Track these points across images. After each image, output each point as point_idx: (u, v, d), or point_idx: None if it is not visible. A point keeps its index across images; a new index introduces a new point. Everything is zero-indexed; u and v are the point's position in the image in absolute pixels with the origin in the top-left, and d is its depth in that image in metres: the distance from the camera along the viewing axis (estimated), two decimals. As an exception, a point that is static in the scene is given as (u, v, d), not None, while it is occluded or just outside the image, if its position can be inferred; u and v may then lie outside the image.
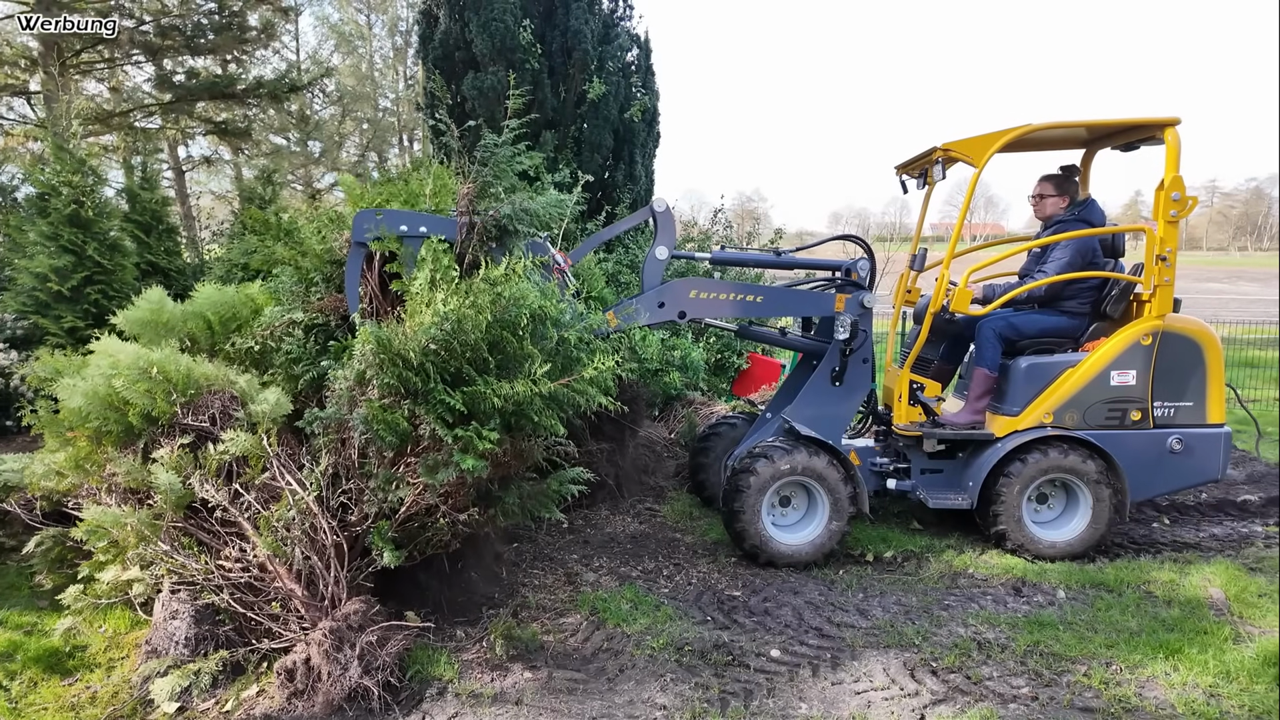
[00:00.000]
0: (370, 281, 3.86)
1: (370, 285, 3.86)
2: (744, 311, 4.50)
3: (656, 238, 4.42)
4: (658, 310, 4.39)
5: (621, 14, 8.80)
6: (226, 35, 12.34)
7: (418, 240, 3.81)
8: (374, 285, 3.86)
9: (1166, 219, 4.35)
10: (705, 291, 4.43)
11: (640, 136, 8.72)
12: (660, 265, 4.41)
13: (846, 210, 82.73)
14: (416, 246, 3.80)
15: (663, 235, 4.40)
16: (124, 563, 3.37)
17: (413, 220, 3.85)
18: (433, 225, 3.86)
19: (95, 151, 10.79)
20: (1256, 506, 5.51)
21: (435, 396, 3.15)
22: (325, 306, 3.97)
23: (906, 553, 4.66)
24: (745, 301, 4.46)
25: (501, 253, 3.91)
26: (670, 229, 4.42)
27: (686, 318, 4.44)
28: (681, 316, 4.42)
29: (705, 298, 4.42)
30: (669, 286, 4.41)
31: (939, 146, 4.49)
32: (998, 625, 3.71)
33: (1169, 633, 3.59)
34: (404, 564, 3.36)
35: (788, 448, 4.41)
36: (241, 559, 3.31)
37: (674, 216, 4.46)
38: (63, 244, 7.15)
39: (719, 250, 4.69)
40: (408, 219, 3.84)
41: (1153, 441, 4.50)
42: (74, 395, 3.45)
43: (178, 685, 3.05)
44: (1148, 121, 4.45)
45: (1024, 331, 4.64)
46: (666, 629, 3.65)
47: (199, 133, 14.97)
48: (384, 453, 3.29)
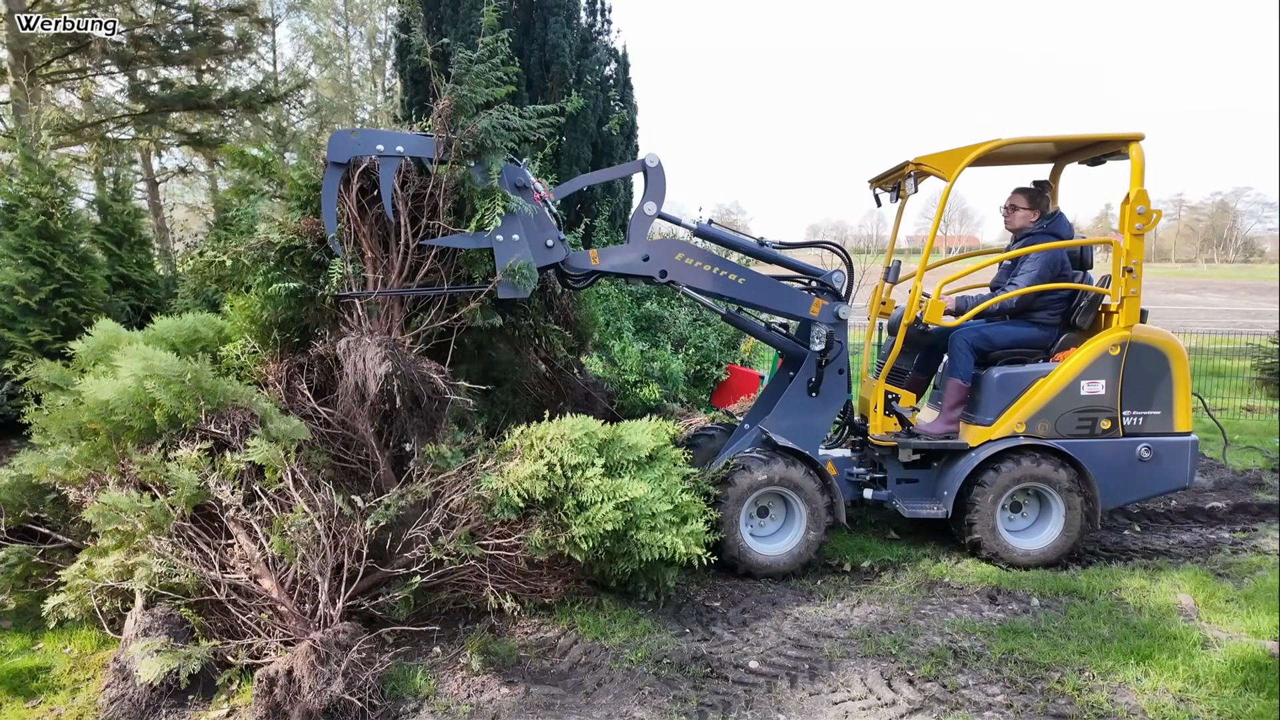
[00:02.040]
0: (348, 202, 3.88)
1: (349, 205, 3.87)
2: (723, 288, 4.46)
3: (646, 193, 4.40)
4: (641, 263, 4.36)
5: (600, 28, 8.88)
6: (201, 46, 12.26)
7: (394, 160, 3.84)
8: (352, 206, 3.88)
9: (1132, 232, 4.45)
10: (692, 258, 4.41)
11: (619, 149, 8.78)
12: (648, 221, 4.39)
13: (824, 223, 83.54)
14: (393, 166, 3.83)
15: (652, 191, 4.39)
16: (129, 551, 3.35)
17: (389, 139, 3.88)
18: (410, 144, 3.90)
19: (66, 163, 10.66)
20: (1224, 513, 5.62)
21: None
22: (302, 229, 4.00)
23: (884, 562, 4.69)
24: (727, 279, 4.45)
25: (481, 170, 3.91)
26: (660, 185, 4.39)
27: (666, 278, 4.38)
28: (662, 275, 4.37)
29: (689, 264, 4.40)
30: (660, 244, 4.40)
31: (910, 161, 4.57)
32: (973, 633, 3.74)
33: (1140, 639, 3.64)
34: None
35: (765, 458, 4.43)
36: (241, 562, 3.36)
37: (664, 173, 4.40)
38: (30, 256, 7.04)
39: (705, 224, 4.67)
40: (384, 138, 3.88)
41: (1122, 450, 4.58)
42: (104, 389, 3.56)
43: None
44: (1113, 137, 4.56)
45: (996, 342, 4.72)
46: (645, 642, 3.64)
47: (173, 144, 14.81)
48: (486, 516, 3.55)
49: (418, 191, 4.01)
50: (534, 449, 3.63)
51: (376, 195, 3.92)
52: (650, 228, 4.43)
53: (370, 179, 3.98)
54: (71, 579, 3.36)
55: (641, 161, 4.42)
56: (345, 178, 3.86)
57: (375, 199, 3.94)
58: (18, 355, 6.51)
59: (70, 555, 3.76)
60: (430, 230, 3.97)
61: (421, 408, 3.71)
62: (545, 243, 4.14)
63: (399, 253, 3.94)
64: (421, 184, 4.02)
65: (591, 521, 3.51)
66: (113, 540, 3.35)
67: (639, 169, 4.45)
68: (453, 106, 3.88)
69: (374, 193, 3.96)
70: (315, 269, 4.11)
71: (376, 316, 3.96)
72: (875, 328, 5.61)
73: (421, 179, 4.04)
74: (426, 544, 3.54)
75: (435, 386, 3.71)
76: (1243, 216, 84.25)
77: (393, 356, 3.60)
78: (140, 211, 9.19)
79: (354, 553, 3.45)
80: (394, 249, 3.95)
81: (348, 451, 4.09)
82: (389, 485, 3.91)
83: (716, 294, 4.50)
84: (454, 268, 4.14)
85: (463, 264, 4.13)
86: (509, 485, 3.51)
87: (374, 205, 3.95)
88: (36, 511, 3.88)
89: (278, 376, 4.19)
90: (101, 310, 7.08)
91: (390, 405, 3.60)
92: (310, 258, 4.04)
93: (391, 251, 3.95)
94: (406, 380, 3.60)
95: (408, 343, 3.87)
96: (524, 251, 3.98)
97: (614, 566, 3.77)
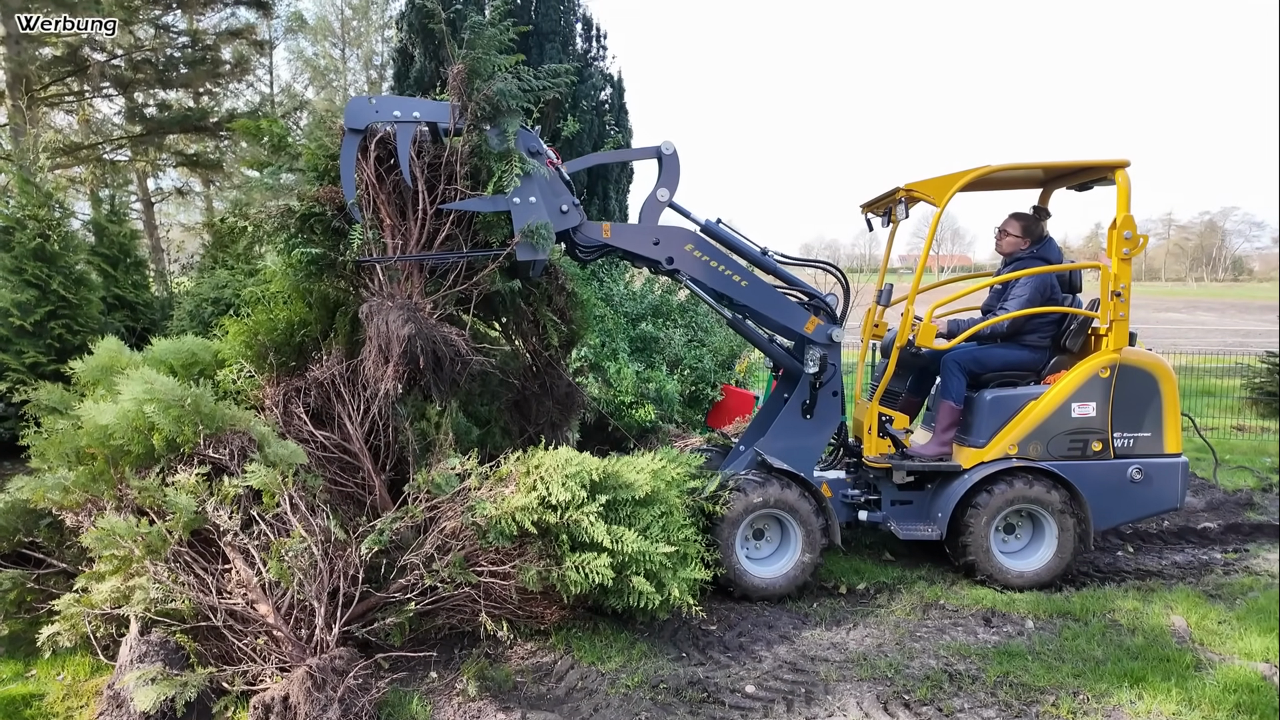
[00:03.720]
0: (366, 169, 3.93)
1: (367, 173, 3.92)
2: (724, 287, 4.48)
3: (660, 179, 4.44)
4: (651, 246, 4.39)
5: (596, 54, 9.00)
6: (199, 69, 12.36)
7: (411, 126, 3.90)
8: (370, 173, 3.93)
9: (1120, 256, 4.53)
10: (701, 252, 4.43)
11: (614, 173, 8.86)
12: (660, 207, 4.43)
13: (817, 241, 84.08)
14: (410, 132, 3.90)
15: (666, 178, 4.42)
16: (126, 576, 3.34)
17: (405, 105, 3.93)
18: (425, 110, 3.96)
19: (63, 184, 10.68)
20: (1216, 534, 5.66)
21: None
22: (321, 196, 4.04)
23: (879, 584, 4.70)
24: (730, 279, 4.47)
25: (497, 133, 3.95)
26: (675, 173, 4.43)
27: (672, 265, 4.41)
28: (669, 262, 4.40)
29: (697, 256, 4.42)
30: (671, 229, 4.43)
31: (901, 187, 4.64)
32: (968, 656, 3.76)
33: (1133, 661, 3.66)
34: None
35: (760, 480, 4.45)
36: (237, 587, 3.36)
37: (679, 162, 4.44)
38: (26, 278, 7.05)
39: (713, 221, 4.70)
40: (400, 104, 3.93)
41: (1114, 471, 4.62)
42: (104, 414, 3.57)
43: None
44: (1099, 164, 4.65)
45: (987, 365, 4.77)
46: (641, 666, 3.64)
47: (170, 165, 14.87)
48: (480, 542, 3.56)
49: (433, 161, 4.04)
50: (529, 477, 3.65)
51: (393, 165, 3.96)
52: (661, 215, 4.47)
53: (387, 148, 4.01)
54: (66, 607, 3.35)
55: (657, 148, 4.44)
56: (363, 145, 3.92)
57: (392, 168, 3.98)
58: (11, 377, 6.50)
59: (64, 580, 3.75)
60: (447, 196, 4.00)
61: (443, 369, 3.74)
62: (560, 208, 4.17)
63: (417, 220, 3.97)
64: (437, 153, 4.06)
65: (583, 569, 3.53)
66: (109, 565, 3.34)
67: (654, 155, 4.47)
68: (467, 70, 3.91)
69: (391, 162, 3.99)
70: (335, 236, 4.15)
71: (397, 282, 4.00)
72: (869, 349, 5.66)
73: (436, 147, 4.08)
74: (421, 570, 3.54)
75: (457, 348, 3.75)
76: (1231, 236, 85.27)
77: (415, 319, 3.65)
78: (136, 233, 9.22)
79: (350, 577, 3.45)
80: (411, 216, 3.98)
81: (344, 475, 4.10)
82: (385, 509, 3.92)
83: (716, 291, 4.52)
84: (471, 234, 4.16)
85: (480, 229, 4.15)
86: (503, 514, 3.52)
87: (391, 174, 3.99)
88: (31, 536, 3.87)
89: (274, 400, 4.20)
90: (96, 332, 7.07)
91: (413, 366, 3.63)
92: (330, 225, 4.09)
93: (409, 219, 3.99)
94: (429, 341, 3.64)
95: (428, 308, 3.91)
96: (540, 214, 4.00)
97: (608, 601, 3.78)
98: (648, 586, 3.61)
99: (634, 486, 3.76)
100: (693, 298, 8.64)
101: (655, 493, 3.84)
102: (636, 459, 4.01)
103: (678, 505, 3.95)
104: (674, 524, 3.88)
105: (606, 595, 3.74)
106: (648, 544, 3.62)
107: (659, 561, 3.66)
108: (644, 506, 3.83)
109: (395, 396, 3.76)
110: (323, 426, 4.16)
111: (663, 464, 4.01)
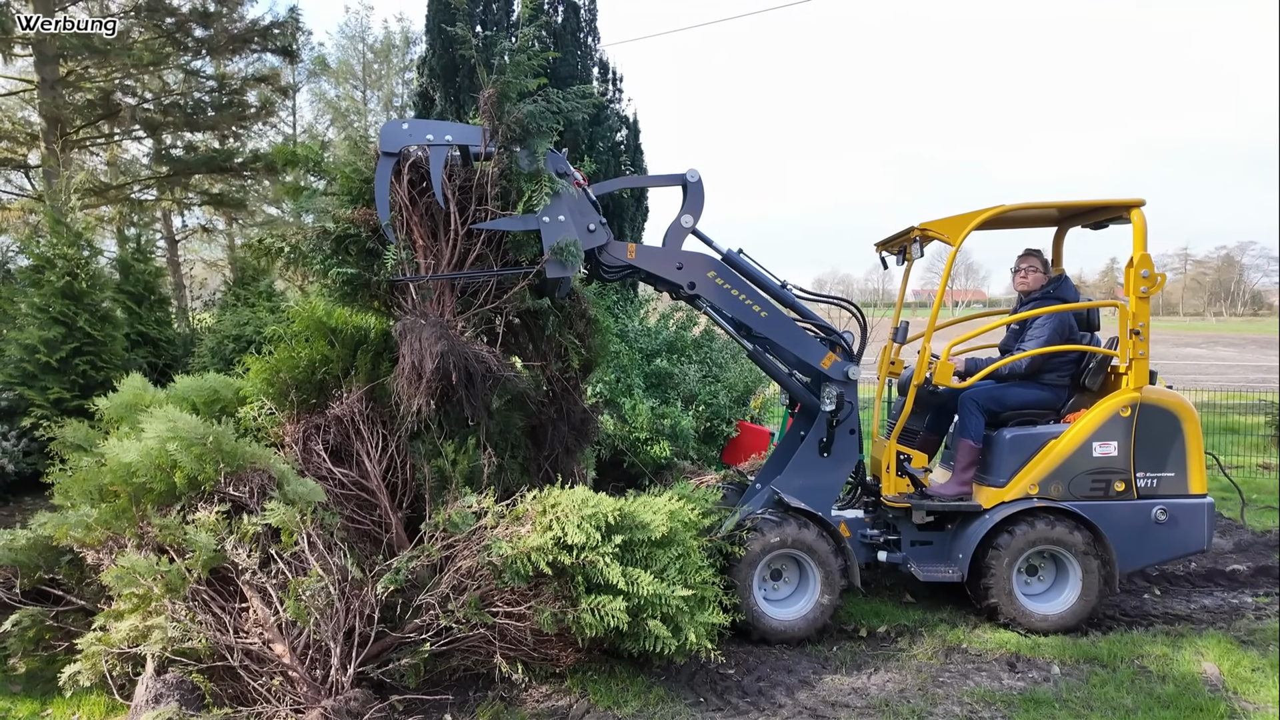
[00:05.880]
0: (400, 191, 4.02)
1: (400, 195, 4.02)
2: (744, 316, 4.50)
3: (684, 205, 4.51)
4: (674, 271, 4.42)
5: (612, 97, 9.18)
6: (226, 112, 12.71)
7: (443, 148, 4.01)
8: (403, 196, 4.02)
9: (1137, 295, 4.51)
10: (723, 280, 4.46)
11: (629, 212, 8.97)
12: (684, 233, 4.50)
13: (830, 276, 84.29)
14: (442, 155, 4.00)
15: (691, 204, 4.49)
16: (145, 614, 3.35)
17: (438, 129, 4.05)
18: (457, 133, 4.06)
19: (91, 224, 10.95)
20: (1245, 576, 5.53)
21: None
22: (356, 219, 4.14)
23: (900, 627, 4.62)
24: (750, 308, 4.49)
25: (527, 154, 4.02)
26: (699, 200, 4.49)
27: (694, 290, 4.44)
28: (691, 287, 4.43)
29: (719, 284, 4.45)
30: (695, 255, 4.47)
31: (916, 226, 4.67)
32: (993, 703, 3.67)
33: (1165, 710, 3.56)
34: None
35: (777, 519, 4.41)
36: (254, 626, 3.36)
37: (704, 190, 4.50)
38: (53, 315, 7.19)
39: (734, 251, 4.72)
40: (433, 128, 4.06)
41: (1137, 512, 4.54)
42: (128, 451, 3.62)
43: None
44: (1114, 203, 4.66)
45: (1006, 403, 4.73)
46: (658, 711, 3.58)
47: (195, 204, 15.21)
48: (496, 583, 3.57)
49: (464, 183, 4.15)
50: (545, 516, 3.64)
51: (425, 187, 4.07)
52: (684, 241, 4.52)
53: (419, 171, 4.13)
54: (88, 645, 3.35)
55: (682, 175, 4.53)
56: (396, 168, 4.03)
57: (424, 190, 4.09)
58: (36, 413, 6.60)
59: (83, 618, 3.76)
60: (477, 217, 4.09)
61: (475, 386, 3.79)
62: (588, 226, 4.24)
63: (448, 241, 4.06)
64: (467, 175, 4.16)
65: (598, 612, 3.50)
66: (129, 603, 3.35)
67: (679, 182, 4.55)
68: (497, 94, 4.02)
69: (423, 184, 4.10)
70: (369, 257, 4.23)
71: (429, 301, 4.07)
72: (885, 385, 5.64)
73: (466, 170, 4.19)
74: (436, 610, 3.53)
75: (489, 365, 3.81)
76: (1248, 270, 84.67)
77: (447, 337, 3.72)
78: (160, 270, 9.41)
79: (365, 617, 3.44)
80: (443, 237, 4.08)
81: (361, 512, 4.11)
82: (401, 547, 3.92)
83: (736, 320, 4.54)
84: (501, 254, 4.23)
85: (509, 249, 4.22)
86: (519, 554, 3.51)
87: (423, 196, 4.10)
88: (52, 573, 3.89)
89: (294, 438, 4.24)
90: (120, 368, 7.19)
91: (445, 383, 3.68)
92: (364, 246, 4.18)
93: (441, 240, 4.08)
94: (461, 358, 3.70)
95: (460, 326, 3.98)
96: (570, 231, 4.06)
97: (624, 644, 3.73)
98: (664, 630, 3.57)
99: (650, 527, 3.74)
100: (707, 333, 8.67)
101: (672, 534, 3.82)
102: (653, 499, 4.00)
103: (694, 547, 3.91)
104: (691, 566, 3.84)
105: (623, 638, 3.70)
106: (664, 587, 3.59)
107: (675, 605, 3.62)
108: (660, 548, 3.80)
109: (428, 414, 3.79)
110: (341, 464, 4.18)
111: (679, 504, 3.99)
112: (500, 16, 8.31)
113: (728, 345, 8.31)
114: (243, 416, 4.44)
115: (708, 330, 8.56)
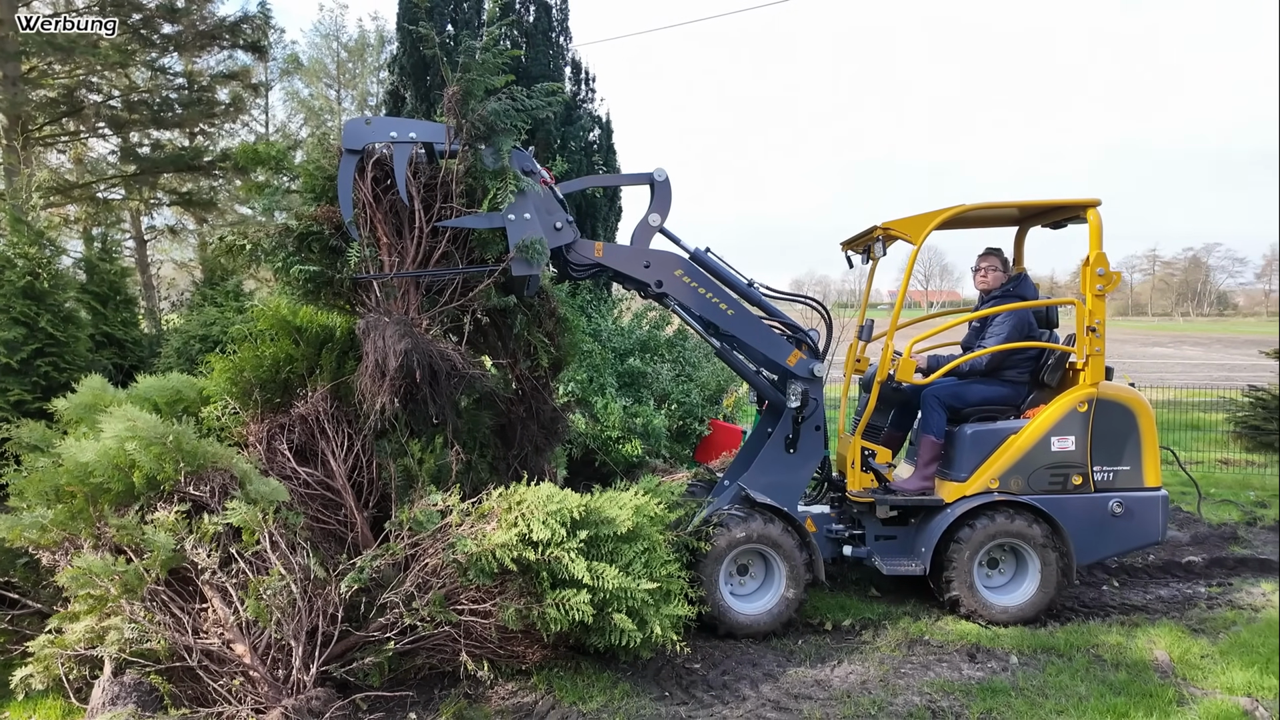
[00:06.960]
0: (364, 189, 3.99)
1: (364, 192, 3.99)
2: (710, 314, 4.53)
3: (652, 205, 4.52)
4: (641, 269, 4.44)
5: (584, 97, 9.20)
6: (194, 110, 12.52)
7: (407, 146, 3.98)
8: (367, 193, 3.99)
9: (1093, 293, 4.62)
10: (690, 278, 4.48)
11: (603, 211, 8.99)
12: (651, 232, 4.51)
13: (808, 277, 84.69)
14: (406, 152, 3.97)
15: (658, 204, 4.51)
16: (102, 615, 3.31)
17: (401, 126, 4.02)
18: (421, 130, 4.03)
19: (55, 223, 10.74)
20: (1200, 568, 5.67)
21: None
22: (319, 216, 4.11)
23: (864, 620, 4.68)
24: (716, 306, 4.52)
25: (492, 152, 4.02)
26: (666, 199, 4.52)
27: (661, 288, 4.46)
28: (658, 285, 4.45)
29: (686, 282, 4.47)
30: (662, 254, 4.49)
31: (879, 225, 4.75)
32: (952, 693, 3.74)
33: (1116, 696, 3.65)
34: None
35: (743, 515, 4.46)
36: (214, 627, 3.33)
37: (671, 189, 4.53)
38: (14, 316, 7.04)
39: (702, 250, 4.74)
40: (397, 125, 4.03)
41: (1094, 505, 4.65)
42: (84, 451, 3.56)
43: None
44: (1071, 203, 4.77)
45: (967, 400, 4.82)
46: (624, 706, 3.60)
47: (163, 204, 14.97)
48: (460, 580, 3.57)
49: (429, 180, 4.13)
50: (510, 513, 3.65)
51: (390, 184, 4.04)
52: (652, 240, 4.54)
53: (383, 169, 4.10)
54: (40, 648, 3.31)
55: (650, 175, 4.54)
56: (360, 166, 4.00)
57: (389, 188, 4.06)
58: (-5, 415, 6.46)
59: (39, 621, 3.71)
60: (443, 215, 4.08)
61: (440, 383, 3.78)
62: (554, 225, 4.25)
63: (413, 238, 4.05)
64: (432, 173, 4.14)
65: (563, 606, 3.52)
66: (85, 605, 3.31)
67: (647, 180, 4.57)
68: (462, 92, 4.01)
69: (387, 182, 4.08)
70: (332, 254, 4.20)
71: (394, 299, 4.05)
72: (851, 384, 5.72)
73: (432, 167, 4.17)
74: (401, 609, 3.52)
75: (454, 364, 3.80)
76: (1215, 271, 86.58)
77: (411, 334, 3.70)
78: (127, 270, 9.25)
79: (329, 616, 3.43)
80: (408, 235, 4.06)
81: (326, 512, 4.09)
82: (367, 546, 3.90)
83: (703, 318, 4.57)
84: (466, 252, 4.22)
85: (475, 247, 4.21)
86: (484, 551, 3.51)
87: (388, 194, 4.08)
88: (7, 576, 3.83)
89: (258, 437, 4.20)
90: (84, 369, 7.06)
91: (409, 381, 3.66)
92: (327, 244, 4.15)
93: (405, 237, 4.06)
94: (425, 356, 3.68)
95: (425, 324, 3.96)
96: (535, 229, 4.06)
97: (589, 639, 3.75)
98: (629, 624, 3.60)
99: (615, 522, 3.76)
100: (680, 332, 8.71)
101: (637, 528, 3.84)
102: (619, 494, 4.02)
103: (660, 541, 3.94)
104: (657, 560, 3.87)
105: (588, 633, 3.72)
106: (629, 580, 3.62)
107: (641, 598, 3.64)
108: (626, 543, 3.82)
109: (393, 413, 3.77)
110: (306, 463, 4.15)
111: (645, 499, 4.01)
112: (471, 15, 8.30)
113: (700, 345, 8.36)
114: (206, 416, 4.39)
115: (681, 330, 8.60)
